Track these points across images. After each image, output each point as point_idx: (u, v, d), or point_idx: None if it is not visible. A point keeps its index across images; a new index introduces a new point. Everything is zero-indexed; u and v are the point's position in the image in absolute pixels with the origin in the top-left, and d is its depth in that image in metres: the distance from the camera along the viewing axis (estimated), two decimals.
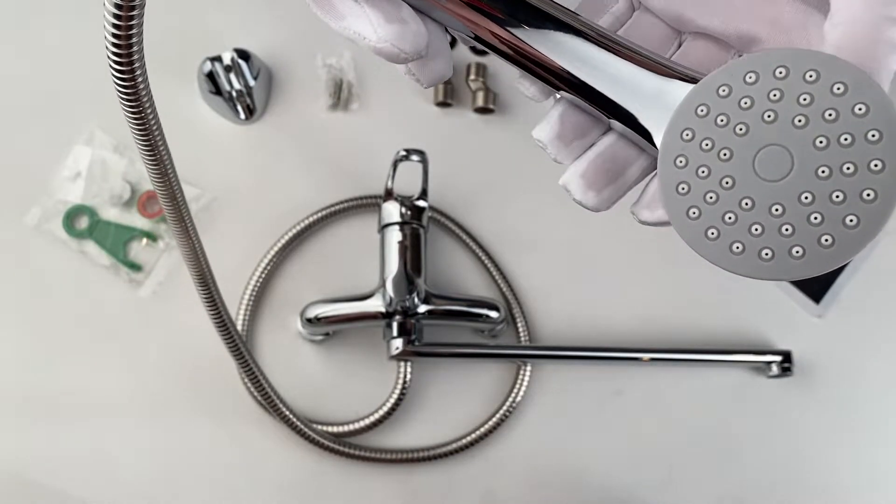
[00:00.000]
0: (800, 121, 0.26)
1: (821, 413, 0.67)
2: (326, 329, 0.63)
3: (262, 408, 0.63)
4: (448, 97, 0.68)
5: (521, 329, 0.66)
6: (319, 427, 0.63)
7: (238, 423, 0.63)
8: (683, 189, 0.27)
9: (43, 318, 0.64)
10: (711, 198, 0.27)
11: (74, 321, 0.64)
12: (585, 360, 0.65)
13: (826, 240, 0.25)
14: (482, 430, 0.64)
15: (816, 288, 0.68)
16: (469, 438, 0.64)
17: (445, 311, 0.63)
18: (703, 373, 0.67)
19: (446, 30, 0.32)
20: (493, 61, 0.70)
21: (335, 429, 0.63)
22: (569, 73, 0.31)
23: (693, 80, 0.29)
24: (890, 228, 0.74)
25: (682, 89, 0.29)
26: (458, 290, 0.66)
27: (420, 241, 0.62)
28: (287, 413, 0.61)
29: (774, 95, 0.26)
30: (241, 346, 0.54)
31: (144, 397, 0.63)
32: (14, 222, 0.65)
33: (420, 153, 0.63)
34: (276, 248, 0.65)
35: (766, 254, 0.26)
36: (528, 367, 0.65)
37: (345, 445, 0.63)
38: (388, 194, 0.63)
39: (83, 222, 0.65)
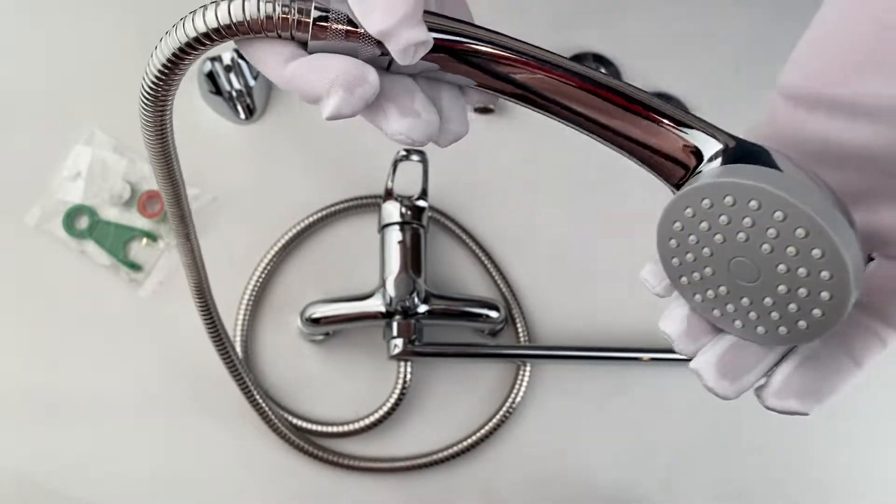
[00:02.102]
0: (766, 248, 0.30)
1: (820, 413, 0.67)
2: (326, 329, 0.63)
3: None
4: None
5: (520, 329, 0.66)
6: (319, 428, 0.63)
7: (238, 424, 0.63)
8: (676, 262, 0.33)
9: (43, 318, 0.64)
10: (696, 276, 0.32)
11: (74, 321, 0.64)
12: (585, 360, 0.65)
13: (783, 330, 0.31)
14: (482, 431, 0.64)
15: None
16: (469, 441, 0.64)
17: (445, 311, 0.63)
18: None
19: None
20: None
21: (335, 429, 0.63)
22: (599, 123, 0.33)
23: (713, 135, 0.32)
24: None
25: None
26: (458, 290, 0.66)
27: (420, 241, 0.62)
28: (284, 430, 0.61)
29: (747, 222, 0.30)
30: (235, 361, 0.55)
31: (144, 397, 0.63)
32: (14, 222, 0.65)
33: (420, 153, 0.63)
34: (276, 248, 0.65)
35: (738, 324, 0.32)
36: (528, 367, 0.65)
37: (344, 457, 0.63)
38: (388, 194, 0.63)
39: (83, 222, 0.65)
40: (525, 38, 0.76)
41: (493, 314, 0.63)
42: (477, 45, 0.32)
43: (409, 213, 0.62)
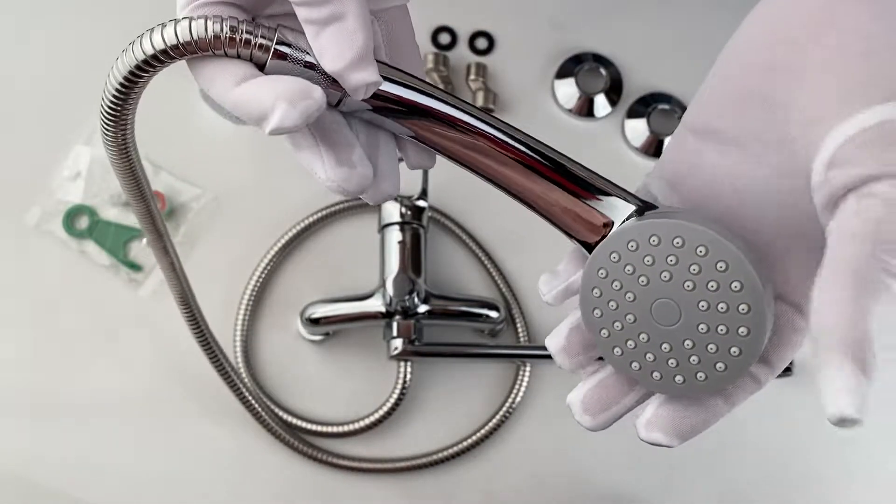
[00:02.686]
0: (689, 286, 0.31)
1: (821, 413, 0.67)
2: (326, 329, 0.63)
3: None
4: None
5: (520, 329, 0.66)
6: (318, 428, 0.63)
7: (238, 425, 0.63)
8: (598, 314, 0.34)
9: (42, 318, 0.64)
10: (618, 326, 0.33)
11: (74, 321, 0.64)
12: None
13: (701, 376, 0.33)
14: (482, 432, 0.64)
15: None
16: (468, 441, 0.64)
17: (445, 311, 0.63)
18: None
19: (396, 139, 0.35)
20: (494, 61, 0.70)
21: (335, 429, 0.63)
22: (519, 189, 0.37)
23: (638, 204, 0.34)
24: None
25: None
26: (458, 290, 0.66)
27: (420, 241, 0.62)
28: (280, 432, 0.61)
29: (671, 260, 0.32)
30: (228, 369, 0.55)
31: (144, 397, 0.63)
32: (14, 222, 0.65)
33: None
34: (276, 248, 0.65)
35: (657, 375, 0.33)
36: (528, 367, 0.65)
37: (343, 458, 0.63)
38: None
39: (83, 222, 0.65)
40: (525, 38, 0.76)
41: (493, 314, 0.63)
42: (417, 99, 0.34)
43: (409, 213, 0.62)
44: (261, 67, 0.31)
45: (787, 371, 0.65)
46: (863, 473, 0.67)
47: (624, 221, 0.34)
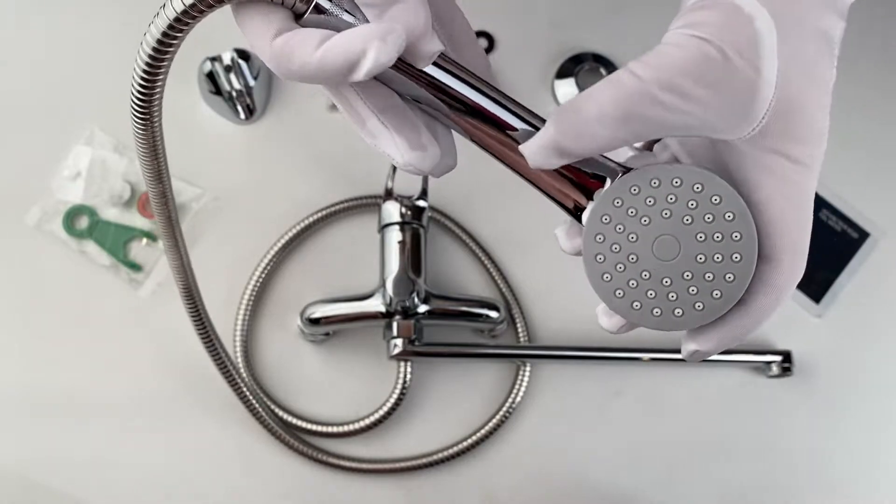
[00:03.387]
0: (687, 220, 0.34)
1: (821, 413, 0.67)
2: (326, 329, 0.63)
3: None
4: None
5: (520, 329, 0.66)
6: (319, 428, 0.63)
7: (238, 425, 0.63)
8: (600, 259, 0.36)
9: (43, 318, 0.64)
10: (620, 268, 0.36)
11: (74, 321, 0.64)
12: (585, 360, 0.65)
13: (699, 306, 0.35)
14: (482, 432, 0.64)
15: (816, 288, 0.68)
16: (468, 441, 0.64)
17: (445, 311, 0.63)
18: (702, 373, 0.67)
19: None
20: (494, 61, 0.70)
21: (335, 429, 0.63)
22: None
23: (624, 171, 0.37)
24: (889, 230, 0.73)
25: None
26: (458, 290, 0.66)
27: (420, 241, 0.62)
28: (279, 431, 0.61)
29: (671, 199, 0.35)
30: (227, 362, 0.55)
31: (144, 397, 0.63)
32: (14, 222, 0.65)
33: None
34: (276, 248, 0.65)
35: (657, 312, 0.36)
36: (528, 367, 0.65)
37: (343, 459, 0.63)
38: (388, 194, 0.63)
39: (83, 222, 0.65)
40: (525, 38, 0.76)
41: (493, 314, 0.63)
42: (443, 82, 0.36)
43: (409, 213, 0.62)
44: (296, 19, 0.33)
45: (787, 371, 0.65)
46: (860, 472, 0.67)
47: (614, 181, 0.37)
